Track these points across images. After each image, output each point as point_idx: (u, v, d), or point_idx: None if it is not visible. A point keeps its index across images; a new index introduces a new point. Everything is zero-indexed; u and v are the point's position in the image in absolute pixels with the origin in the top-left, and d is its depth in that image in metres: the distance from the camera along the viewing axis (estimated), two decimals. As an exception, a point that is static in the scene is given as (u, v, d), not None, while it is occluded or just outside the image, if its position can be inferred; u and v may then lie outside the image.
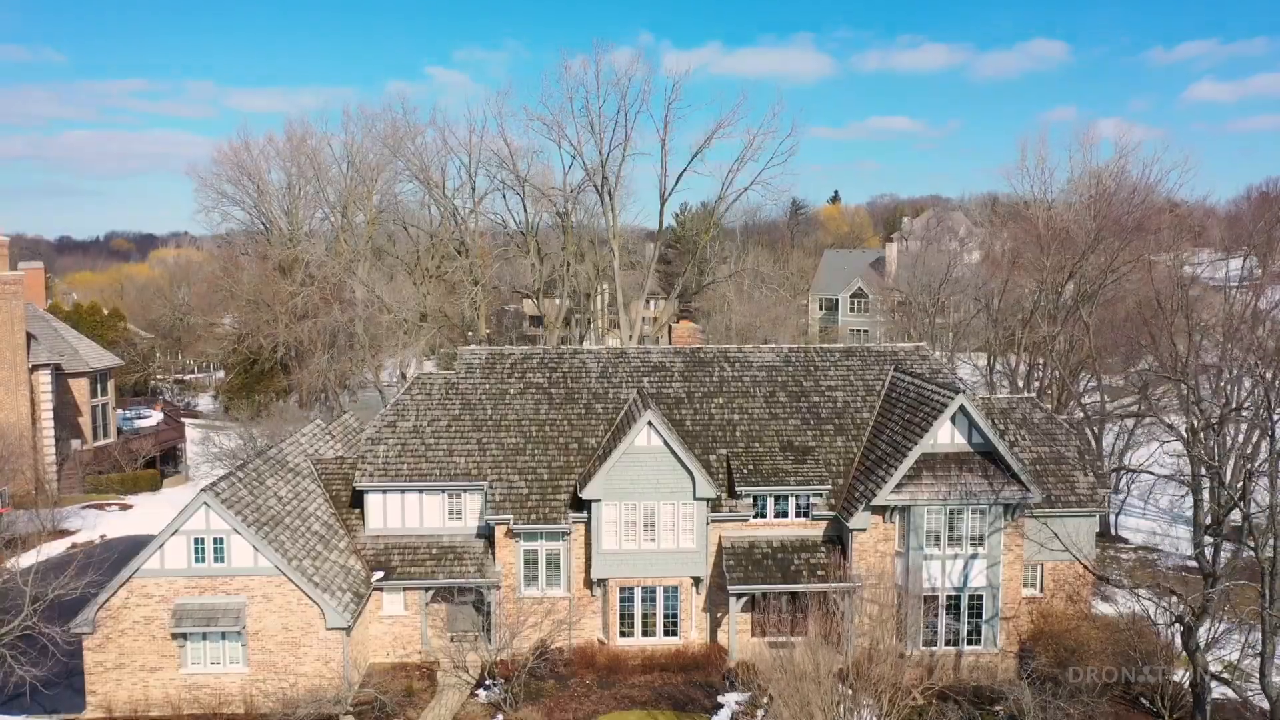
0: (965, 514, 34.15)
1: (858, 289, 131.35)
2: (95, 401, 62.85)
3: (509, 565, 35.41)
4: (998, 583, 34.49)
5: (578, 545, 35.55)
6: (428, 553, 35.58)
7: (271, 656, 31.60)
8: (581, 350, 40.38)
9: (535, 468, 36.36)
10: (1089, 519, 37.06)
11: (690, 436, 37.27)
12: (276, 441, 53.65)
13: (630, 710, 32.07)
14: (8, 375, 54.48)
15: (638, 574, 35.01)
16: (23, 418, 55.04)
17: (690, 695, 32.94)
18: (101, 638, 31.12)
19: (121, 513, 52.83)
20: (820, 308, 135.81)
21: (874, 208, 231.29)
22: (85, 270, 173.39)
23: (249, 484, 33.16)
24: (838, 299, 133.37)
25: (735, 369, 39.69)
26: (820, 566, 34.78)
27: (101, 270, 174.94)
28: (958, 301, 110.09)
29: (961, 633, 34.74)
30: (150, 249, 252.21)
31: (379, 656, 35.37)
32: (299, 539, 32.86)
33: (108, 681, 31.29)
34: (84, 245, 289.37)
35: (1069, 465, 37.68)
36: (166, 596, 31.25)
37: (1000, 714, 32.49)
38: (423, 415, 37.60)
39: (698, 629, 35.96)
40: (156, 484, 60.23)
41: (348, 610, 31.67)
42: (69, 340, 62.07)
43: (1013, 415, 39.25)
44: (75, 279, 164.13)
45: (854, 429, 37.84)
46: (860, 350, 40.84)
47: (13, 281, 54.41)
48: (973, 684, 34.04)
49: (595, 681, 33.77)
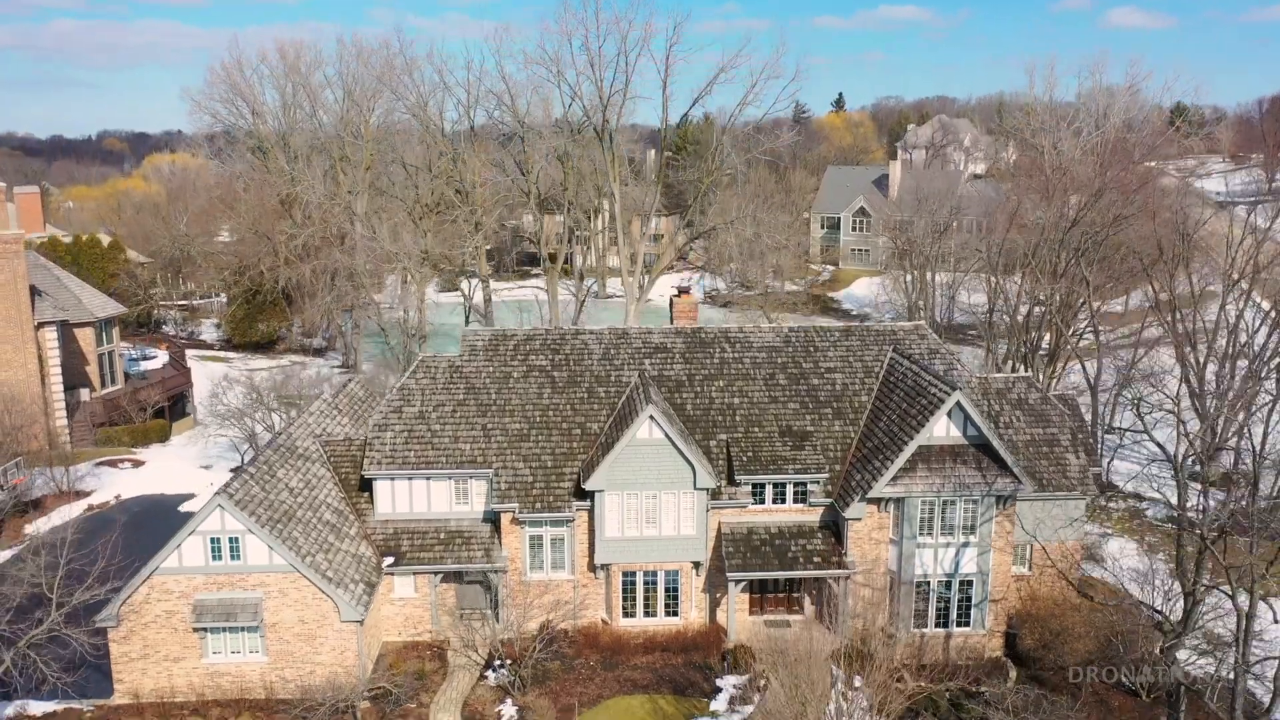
0: (958, 504, 35.11)
1: (860, 208, 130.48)
2: (101, 350, 63.42)
3: (514, 550, 36.57)
4: (988, 569, 35.69)
5: (581, 530, 36.65)
6: (436, 538, 36.70)
7: (289, 647, 33.00)
8: (583, 331, 40.74)
9: (539, 454, 37.19)
10: (1079, 501, 38.06)
11: (690, 422, 38.00)
12: (282, 386, 54.54)
13: (633, 694, 33.64)
14: (15, 334, 54.91)
15: (639, 559, 36.20)
16: (31, 375, 55.71)
17: (690, 678, 34.48)
18: (126, 630, 32.44)
19: (134, 470, 53.96)
20: (822, 226, 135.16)
21: (879, 112, 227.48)
22: (80, 184, 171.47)
23: (261, 479, 34.01)
24: (839, 218, 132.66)
25: (736, 350, 40.15)
26: (816, 553, 35.93)
27: (96, 183, 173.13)
28: (961, 220, 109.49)
29: (951, 615, 36.10)
30: (143, 151, 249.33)
31: (391, 636, 36.85)
32: (311, 532, 33.91)
33: (134, 670, 32.76)
34: (76, 145, 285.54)
35: (1061, 448, 38.50)
36: (186, 592, 32.44)
37: (985, 695, 34.12)
38: (428, 400, 38.24)
39: (697, 609, 37.35)
40: (165, 434, 61.30)
41: (361, 604, 32.91)
42: (72, 290, 62.24)
43: (1008, 396, 39.89)
44: (71, 193, 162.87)
45: (852, 413, 38.53)
46: (859, 329, 41.23)
47: (13, 240, 54.31)
48: (960, 663, 35.61)
49: (599, 663, 35.30)
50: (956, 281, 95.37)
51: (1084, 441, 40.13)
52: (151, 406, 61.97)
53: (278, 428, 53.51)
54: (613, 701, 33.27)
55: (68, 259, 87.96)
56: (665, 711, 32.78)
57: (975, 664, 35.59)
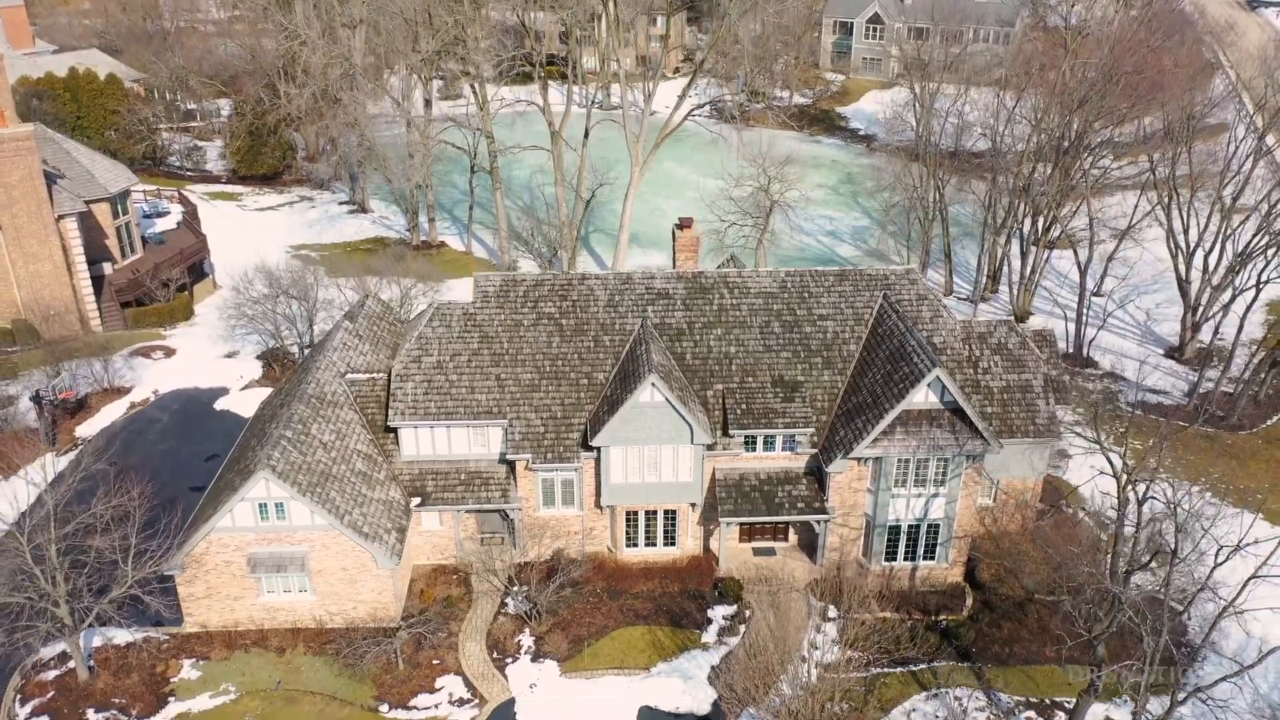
0: (931, 462, 38.64)
1: (874, 14, 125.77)
2: (118, 222, 64.97)
3: (528, 491, 40.56)
4: (954, 515, 39.74)
5: (589, 474, 40.46)
6: (457, 478, 40.57)
7: (334, 588, 37.69)
8: (589, 276, 42.71)
9: (550, 405, 40.36)
10: (1045, 443, 41.52)
11: (689, 371, 40.85)
12: (299, 278, 56.75)
13: (635, 625, 38.65)
14: (37, 228, 56.56)
15: (641, 502, 40.23)
16: (59, 266, 57.87)
17: (684, 609, 39.37)
18: (190, 576, 37.01)
19: (167, 360, 57.25)
20: (834, 31, 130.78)
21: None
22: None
23: (297, 442, 37.37)
24: (852, 23, 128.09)
25: (734, 295, 42.28)
26: (801, 499, 39.87)
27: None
28: (977, 30, 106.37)
29: (919, 551, 40.51)
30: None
31: (420, 560, 41.55)
32: (346, 488, 37.71)
33: (200, 607, 37.63)
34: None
35: (1034, 393, 41.51)
36: (240, 546, 36.72)
37: (944, 624, 39.14)
38: (445, 350, 40.94)
39: (693, 539, 41.79)
40: (189, 311, 64.08)
41: (394, 555, 37.23)
42: (84, 165, 62.94)
43: (989, 340, 42.41)
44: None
45: (840, 362, 41.28)
46: (853, 274, 43.12)
47: (25, 137, 54.82)
48: (924, 590, 40.43)
49: (605, 590, 40.10)
50: (965, 97, 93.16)
51: (1056, 380, 43.11)
52: (174, 284, 64.35)
53: (298, 327, 56.44)
54: (618, 633, 38.32)
55: (66, 96, 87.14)
56: (663, 643, 37.88)
57: (938, 590, 40.40)
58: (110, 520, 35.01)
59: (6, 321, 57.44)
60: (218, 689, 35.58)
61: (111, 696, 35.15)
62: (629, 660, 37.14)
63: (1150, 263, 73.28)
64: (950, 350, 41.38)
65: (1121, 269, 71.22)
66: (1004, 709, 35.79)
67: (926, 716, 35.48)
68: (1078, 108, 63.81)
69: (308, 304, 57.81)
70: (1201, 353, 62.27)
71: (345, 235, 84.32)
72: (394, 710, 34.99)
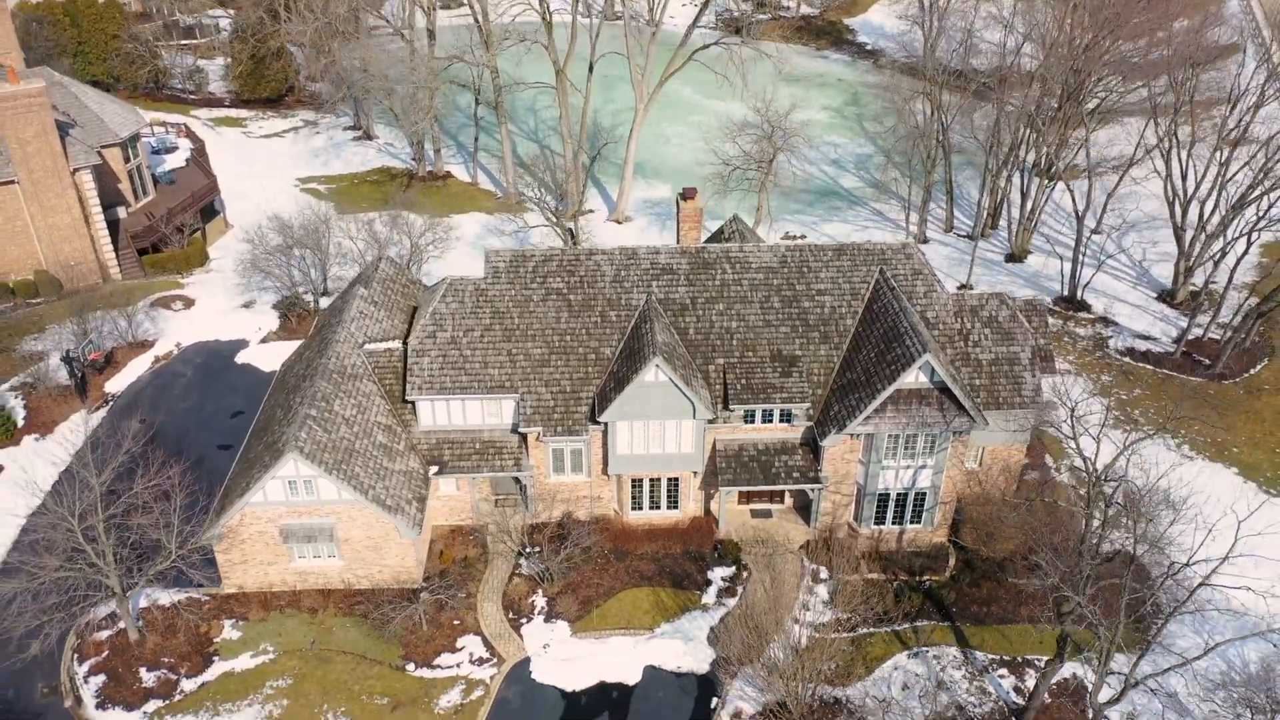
0: (919, 437, 40.92)
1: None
2: (129, 165, 65.86)
3: (539, 459, 43.03)
4: (940, 484, 42.24)
5: (596, 444, 42.85)
6: (472, 447, 42.98)
7: (361, 555, 40.55)
8: (596, 252, 44.18)
9: (559, 379, 42.45)
10: (1029, 414, 43.69)
11: (692, 346, 42.77)
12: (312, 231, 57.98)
13: (640, 586, 41.62)
14: (53, 181, 57.63)
15: (646, 471, 42.73)
16: (76, 218, 59.16)
17: (686, 570, 42.27)
18: (227, 544, 39.83)
19: (186, 311, 59.11)
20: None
21: None
22: None
23: (321, 420, 39.61)
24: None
25: (736, 270, 43.82)
26: (796, 468, 42.32)
27: None
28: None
29: (906, 516, 43.17)
30: None
31: (438, 521, 44.36)
32: (369, 462, 40.15)
33: (236, 571, 40.60)
34: None
35: (1021, 366, 43.48)
36: (273, 518, 39.41)
37: (928, 584, 42.10)
38: (458, 325, 42.80)
39: (694, 502, 44.45)
40: (204, 257, 65.50)
41: (415, 525, 39.91)
42: (94, 110, 63.50)
43: (980, 313, 44.10)
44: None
45: (837, 336, 43.13)
46: (851, 249, 44.52)
47: (37, 93, 55.40)
48: (910, 551, 43.29)
49: (611, 551, 42.95)
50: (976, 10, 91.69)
51: (1043, 350, 45.03)
52: (189, 229, 65.64)
53: (312, 275, 58.05)
54: (624, 594, 41.30)
55: (66, 21, 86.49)
56: (666, 604, 40.90)
57: (923, 553, 43.23)
58: (151, 500, 37.58)
59: (29, 274, 59.12)
60: (258, 649, 38.80)
61: (161, 656, 38.38)
62: (635, 621, 40.23)
63: (1150, 198, 74.05)
64: (942, 325, 43.17)
65: (1129, 203, 72.12)
66: (979, 666, 38.96)
67: (909, 674, 38.69)
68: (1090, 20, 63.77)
69: (320, 254, 59.36)
70: (1194, 296, 63.83)
71: (351, 166, 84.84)
72: (420, 669, 38.25)
